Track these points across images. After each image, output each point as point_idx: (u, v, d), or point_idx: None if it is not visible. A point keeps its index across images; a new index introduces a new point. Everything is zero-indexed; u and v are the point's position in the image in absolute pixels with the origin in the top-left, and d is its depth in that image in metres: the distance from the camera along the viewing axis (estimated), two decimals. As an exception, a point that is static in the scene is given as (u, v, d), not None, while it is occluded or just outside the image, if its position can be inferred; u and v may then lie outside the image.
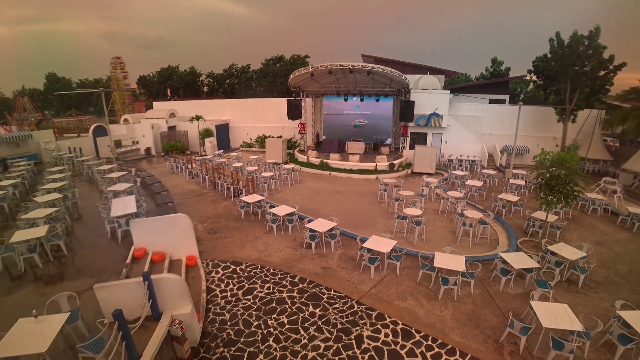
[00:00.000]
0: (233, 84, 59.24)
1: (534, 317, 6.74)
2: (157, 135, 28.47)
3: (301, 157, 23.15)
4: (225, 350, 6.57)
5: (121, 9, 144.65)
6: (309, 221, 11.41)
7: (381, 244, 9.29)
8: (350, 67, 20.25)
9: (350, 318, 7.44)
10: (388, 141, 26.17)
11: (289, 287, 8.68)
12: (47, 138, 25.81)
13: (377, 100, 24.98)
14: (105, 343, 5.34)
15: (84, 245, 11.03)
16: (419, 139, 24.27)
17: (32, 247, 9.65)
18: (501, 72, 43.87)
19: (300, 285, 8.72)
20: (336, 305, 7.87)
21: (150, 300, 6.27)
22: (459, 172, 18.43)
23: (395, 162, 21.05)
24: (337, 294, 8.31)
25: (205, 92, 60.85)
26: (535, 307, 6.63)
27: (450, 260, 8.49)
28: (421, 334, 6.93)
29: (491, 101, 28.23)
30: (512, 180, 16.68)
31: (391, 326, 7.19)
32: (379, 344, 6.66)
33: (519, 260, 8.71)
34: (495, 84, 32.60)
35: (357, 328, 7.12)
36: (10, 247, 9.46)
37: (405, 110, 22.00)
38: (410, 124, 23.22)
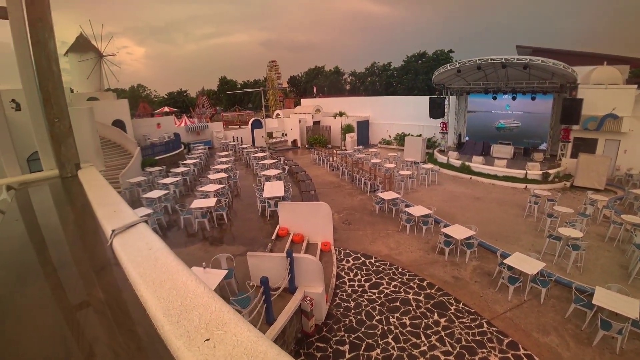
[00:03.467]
0: (374, 81, 60.47)
1: None
2: (304, 129, 31.43)
3: (441, 158, 22.35)
4: (346, 335, 7.06)
5: (276, 20, 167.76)
6: (445, 226, 11.13)
7: (525, 263, 8.39)
8: (503, 60, 18.27)
9: (478, 338, 7.01)
10: (543, 146, 22.57)
11: (416, 289, 8.68)
12: (218, 128, 31.75)
13: (533, 99, 21.58)
14: (250, 302, 6.27)
15: (239, 218, 13.32)
16: (585, 146, 19.54)
17: (204, 213, 12.24)
18: None
19: (428, 291, 8.64)
20: (463, 320, 7.54)
21: (290, 275, 7.28)
22: (641, 192, 14.84)
23: (551, 171, 18.24)
24: (467, 308, 7.93)
25: (348, 90, 64.00)
26: None
27: (617, 301, 6.86)
28: (563, 379, 5.99)
29: None
30: None
31: None
32: (507, 374, 6.12)
33: None
34: None
35: (484, 351, 6.67)
36: (189, 211, 12.25)
37: (570, 110, 18.23)
38: (575, 127, 18.96)
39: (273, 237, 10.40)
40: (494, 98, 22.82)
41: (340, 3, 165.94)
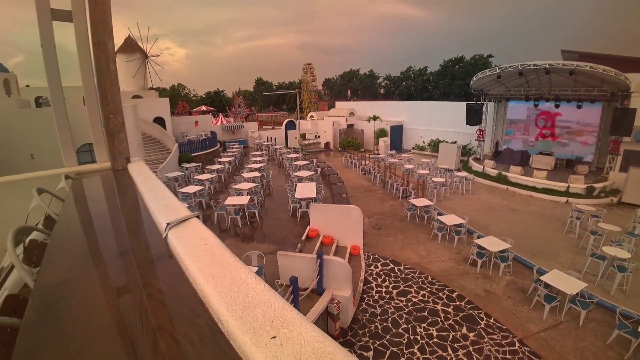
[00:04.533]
0: (409, 86, 59.70)
1: None
2: (337, 132, 31.51)
3: (476, 166, 21.70)
4: (370, 341, 6.99)
5: (313, 24, 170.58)
6: (479, 237, 10.80)
7: (564, 282, 7.95)
8: (547, 66, 17.42)
9: (509, 356, 6.72)
10: (588, 158, 21.28)
11: (445, 300, 8.46)
12: (253, 128, 32.49)
13: (579, 107, 19.96)
14: (279, 300, 6.52)
15: (271, 217, 13.56)
16: (637, 160, 17.93)
17: (237, 210, 12.55)
18: None
19: (458, 303, 8.39)
20: (494, 337, 7.25)
21: (319, 277, 7.34)
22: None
23: (597, 185, 17.16)
24: (498, 325, 7.61)
25: (382, 93, 63.59)
26: None
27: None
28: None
29: None
30: None
31: (560, 383, 6.10)
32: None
33: None
34: None
35: (515, 370, 6.39)
36: (223, 207, 12.65)
37: (620, 120, 17.00)
38: (627, 138, 17.67)
39: (303, 238, 10.51)
40: (535, 105, 21.72)
41: (376, 7, 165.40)
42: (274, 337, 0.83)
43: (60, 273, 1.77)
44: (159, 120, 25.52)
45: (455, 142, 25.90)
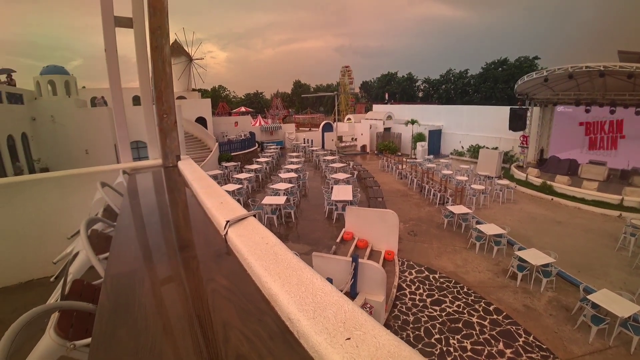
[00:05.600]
0: (449, 89, 58.12)
1: None
2: (374, 135, 31.34)
3: (518, 174, 20.78)
4: None
5: (351, 27, 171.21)
6: (520, 249, 10.34)
7: (615, 303, 7.42)
8: (602, 68, 16.30)
9: None
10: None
11: (481, 313, 8.17)
12: (290, 130, 33.00)
13: (638, 113, 18.25)
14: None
15: (306, 218, 13.72)
16: None
17: (273, 210, 12.85)
18: None
19: (494, 316, 8.07)
20: (532, 355, 6.88)
21: (353, 280, 7.34)
22: None
23: (656, 199, 15.96)
24: (537, 343, 7.21)
25: (420, 97, 62.37)
26: None
27: None
28: None
29: None
30: None
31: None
32: None
33: None
34: None
35: (556, 393, 6.03)
36: (260, 206, 12.94)
37: None
38: None
39: (338, 240, 10.58)
40: (587, 111, 20.32)
41: (415, 8, 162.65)
42: (349, 338, 0.83)
43: (127, 263, 1.87)
44: (201, 120, 26.60)
45: (496, 148, 24.89)
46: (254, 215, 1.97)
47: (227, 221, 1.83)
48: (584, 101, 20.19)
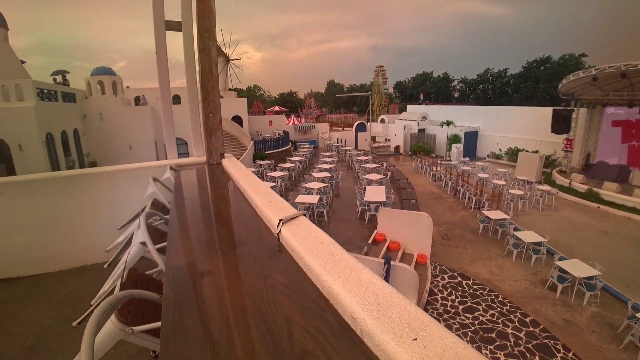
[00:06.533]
0: (486, 89, 56.14)
1: None
2: (407, 136, 30.91)
3: (560, 180, 19.77)
4: None
5: (385, 26, 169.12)
6: (561, 259, 9.87)
7: (666, 320, 7.03)
8: None
9: None
10: None
11: (517, 324, 7.86)
12: (324, 129, 33.16)
13: None
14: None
15: (338, 218, 13.80)
16: None
17: (306, 208, 12.86)
18: None
19: (531, 329, 7.73)
20: None
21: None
22: None
23: None
24: None
25: (456, 97, 60.70)
26: None
27: None
28: None
29: None
30: None
31: None
32: None
33: None
34: None
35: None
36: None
37: None
38: None
39: (370, 241, 10.57)
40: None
41: (451, 5, 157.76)
42: (415, 339, 0.84)
43: (184, 257, 1.94)
44: (237, 119, 27.34)
45: (537, 152, 23.79)
46: (305, 215, 1.99)
47: (280, 219, 1.86)
48: (638, 102, 18.88)
